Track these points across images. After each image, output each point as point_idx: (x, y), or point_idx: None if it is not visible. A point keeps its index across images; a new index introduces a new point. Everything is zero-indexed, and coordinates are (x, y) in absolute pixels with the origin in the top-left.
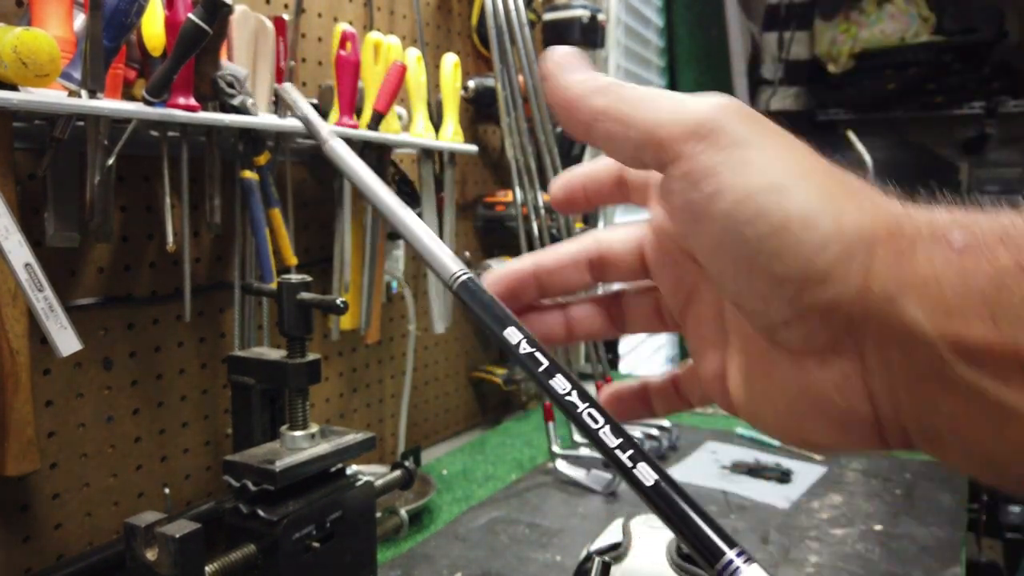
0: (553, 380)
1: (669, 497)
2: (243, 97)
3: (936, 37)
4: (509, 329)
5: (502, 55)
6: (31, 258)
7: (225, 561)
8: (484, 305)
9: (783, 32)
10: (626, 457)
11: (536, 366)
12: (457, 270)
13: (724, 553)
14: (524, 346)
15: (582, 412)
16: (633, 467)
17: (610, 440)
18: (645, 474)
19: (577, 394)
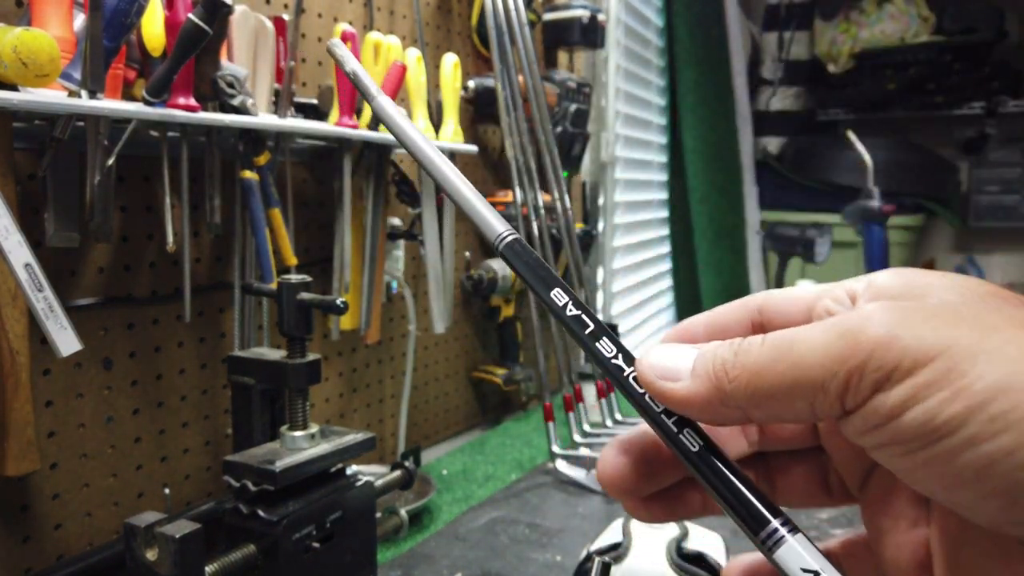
0: (599, 343)
1: (713, 464)
2: (243, 97)
3: (936, 37)
4: (555, 291)
5: (502, 55)
6: (31, 258)
7: (225, 561)
8: (529, 266)
9: (783, 32)
10: (671, 422)
11: (582, 328)
12: (504, 230)
13: (769, 521)
14: (571, 308)
15: (628, 375)
16: (679, 432)
17: (655, 405)
18: (690, 440)
19: (623, 358)
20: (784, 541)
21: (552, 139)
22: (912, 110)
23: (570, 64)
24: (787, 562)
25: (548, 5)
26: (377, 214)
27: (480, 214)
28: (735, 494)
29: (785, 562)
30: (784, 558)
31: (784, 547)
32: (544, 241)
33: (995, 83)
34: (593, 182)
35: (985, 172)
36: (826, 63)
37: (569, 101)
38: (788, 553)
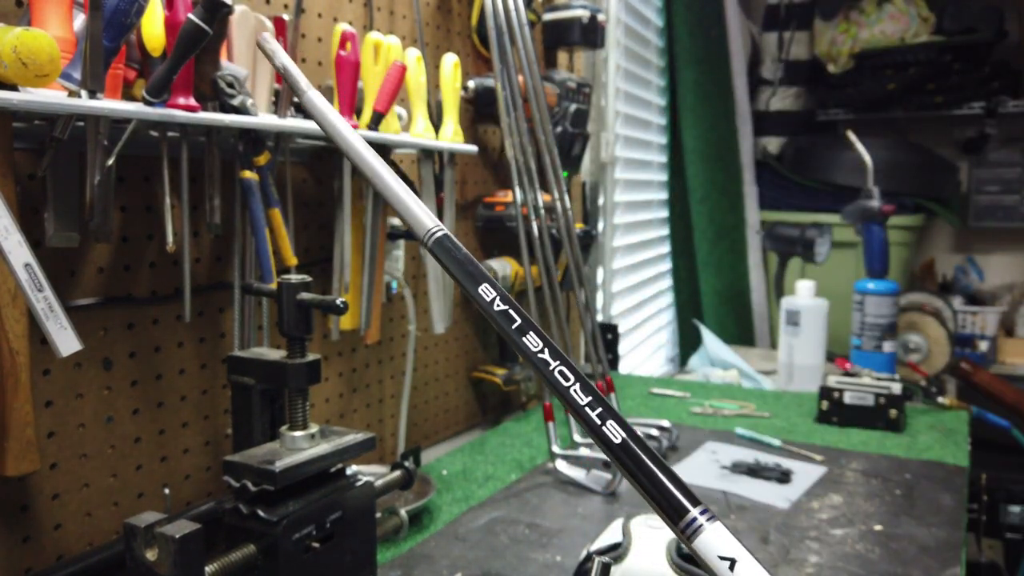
0: (526, 338)
1: (636, 455)
2: (243, 97)
3: (936, 37)
4: (483, 286)
5: (502, 55)
6: (31, 258)
7: (225, 561)
8: (458, 262)
9: (783, 32)
10: (595, 415)
11: (509, 323)
12: (432, 226)
13: (688, 511)
14: (498, 303)
15: (553, 370)
16: (602, 424)
17: (580, 398)
18: (613, 432)
19: (549, 352)
20: (702, 530)
21: (552, 139)
22: (912, 110)
23: (570, 64)
24: (705, 549)
25: (548, 5)
26: (377, 214)
27: (409, 209)
28: (656, 485)
29: (703, 549)
30: (702, 546)
31: (702, 535)
32: (544, 241)
33: (995, 83)
34: (593, 182)
35: (985, 172)
36: (826, 63)
37: (569, 101)
38: (706, 540)
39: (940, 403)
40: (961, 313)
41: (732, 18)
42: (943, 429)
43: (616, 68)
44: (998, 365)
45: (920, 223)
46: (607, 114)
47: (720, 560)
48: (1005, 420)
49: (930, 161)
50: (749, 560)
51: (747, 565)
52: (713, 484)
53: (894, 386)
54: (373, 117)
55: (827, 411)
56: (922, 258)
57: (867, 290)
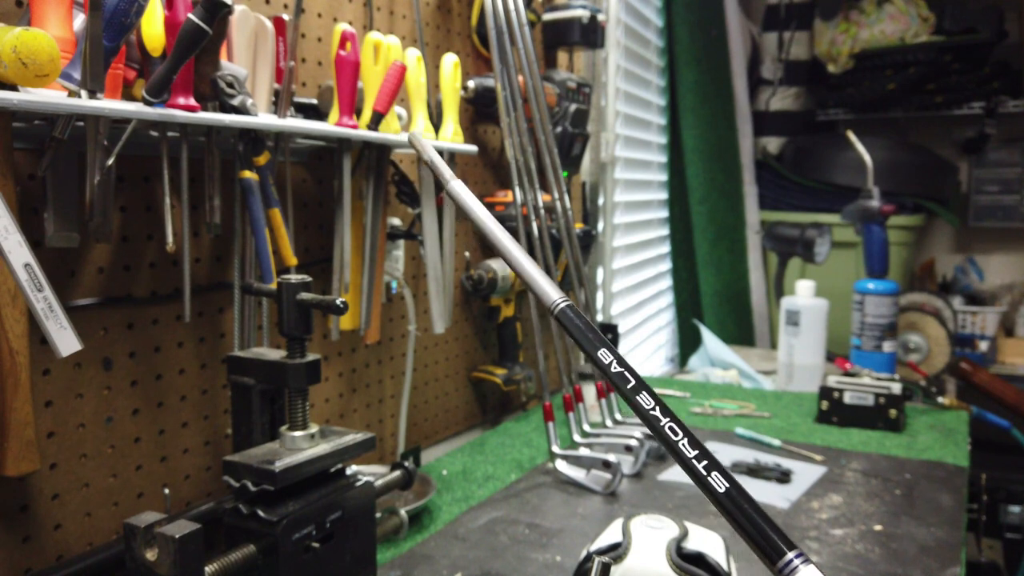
0: (639, 396)
1: (739, 503)
2: (243, 97)
3: (936, 37)
4: (602, 351)
5: (502, 55)
6: (31, 258)
7: (225, 561)
8: (580, 329)
9: (783, 32)
10: (702, 467)
11: (625, 383)
12: (558, 298)
13: (785, 553)
14: (615, 366)
15: (664, 426)
16: (707, 476)
17: (688, 451)
18: (718, 482)
19: (660, 409)
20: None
21: (552, 139)
22: (912, 110)
23: (570, 64)
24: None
25: (548, 5)
26: (377, 214)
27: (537, 283)
28: (757, 529)
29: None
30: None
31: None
32: (544, 241)
33: (995, 83)
34: (593, 182)
35: (985, 172)
36: (826, 63)
37: (569, 101)
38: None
39: (940, 403)
40: (961, 313)
41: (732, 18)
42: (943, 429)
43: (616, 68)
44: (998, 365)
45: (920, 223)
46: (607, 114)
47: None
48: (1005, 420)
49: (930, 161)
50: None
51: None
52: None
53: (894, 386)
54: (373, 117)
55: (827, 411)
56: (922, 258)
57: (867, 290)
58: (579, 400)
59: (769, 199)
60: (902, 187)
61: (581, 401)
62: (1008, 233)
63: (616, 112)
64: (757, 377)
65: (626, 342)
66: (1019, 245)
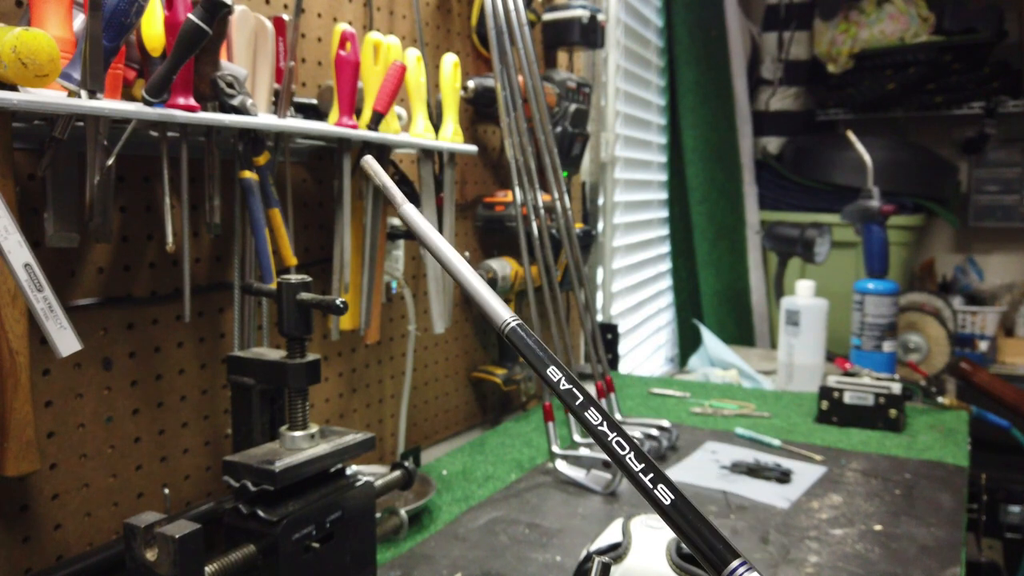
0: (588, 412)
1: (685, 514)
2: (242, 97)
3: (936, 37)
4: (551, 368)
5: (502, 55)
6: (31, 258)
7: (225, 561)
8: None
9: (783, 32)
10: (648, 480)
11: (573, 400)
12: (508, 317)
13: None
14: (563, 383)
15: (611, 440)
16: (654, 488)
17: (634, 464)
18: (663, 494)
19: (607, 424)
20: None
21: (552, 139)
22: (912, 110)
23: (570, 64)
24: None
25: (548, 5)
26: (377, 214)
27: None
28: (702, 538)
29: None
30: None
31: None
32: (544, 241)
33: (995, 83)
34: (593, 182)
35: (984, 172)
36: (826, 63)
37: (569, 101)
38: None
39: (940, 403)
40: (961, 313)
41: (732, 18)
42: (943, 429)
43: (616, 68)
44: (998, 365)
45: (920, 223)
46: (607, 114)
47: None
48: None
49: (930, 161)
50: None
51: None
52: (713, 484)
53: (894, 386)
54: (373, 117)
55: (827, 411)
56: (922, 258)
57: (867, 290)
58: None
59: (769, 199)
60: (902, 187)
61: None
62: (1008, 233)
63: (616, 112)
64: (757, 377)
65: (626, 342)
66: (1019, 245)
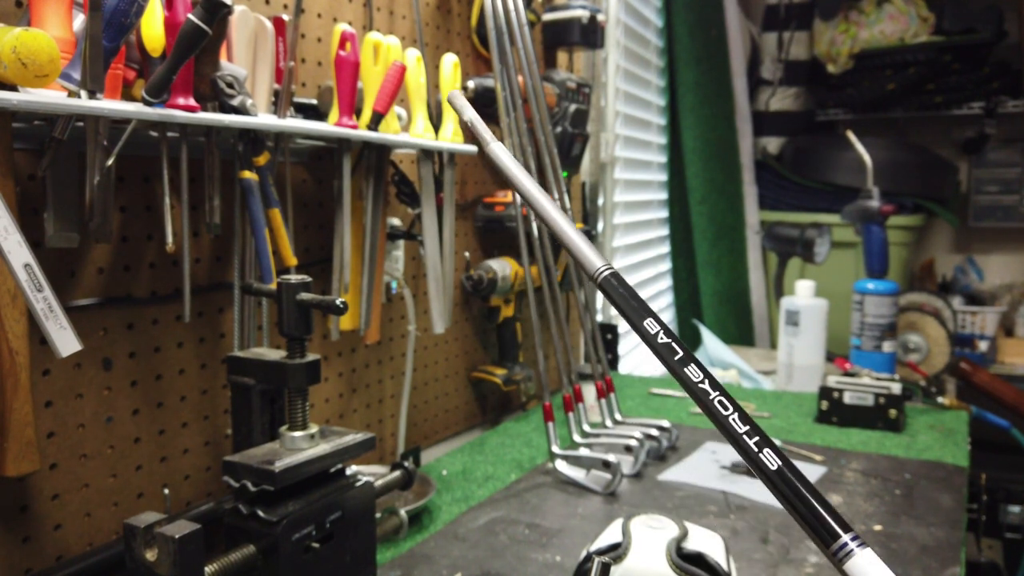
0: (687, 368)
1: (791, 482)
2: (242, 97)
3: (935, 37)
4: (648, 320)
5: (502, 55)
6: (31, 258)
7: (225, 561)
8: (624, 297)
9: (783, 32)
10: (752, 443)
11: (672, 355)
12: (601, 265)
13: (840, 535)
14: (662, 336)
15: (713, 399)
16: (759, 452)
17: (739, 427)
18: (769, 459)
19: (709, 383)
20: (853, 554)
21: (552, 139)
22: (911, 110)
23: (570, 64)
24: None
25: (548, 5)
26: (377, 214)
27: (580, 250)
28: (810, 509)
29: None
30: (853, 569)
31: (853, 559)
32: (544, 241)
33: (994, 83)
34: (593, 182)
35: (984, 172)
36: (825, 63)
37: (569, 101)
38: (856, 564)
39: (940, 403)
40: (961, 313)
41: (732, 18)
42: (943, 429)
43: (616, 68)
44: (998, 365)
45: (920, 223)
46: (607, 114)
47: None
48: (1005, 420)
49: (930, 161)
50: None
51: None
52: (713, 484)
53: (894, 386)
54: (373, 117)
55: (827, 411)
56: (922, 258)
57: (867, 290)
58: (579, 400)
59: (769, 199)
60: (902, 187)
61: (581, 401)
62: (1008, 233)
63: (616, 112)
64: (757, 377)
65: (626, 342)
66: (1019, 245)
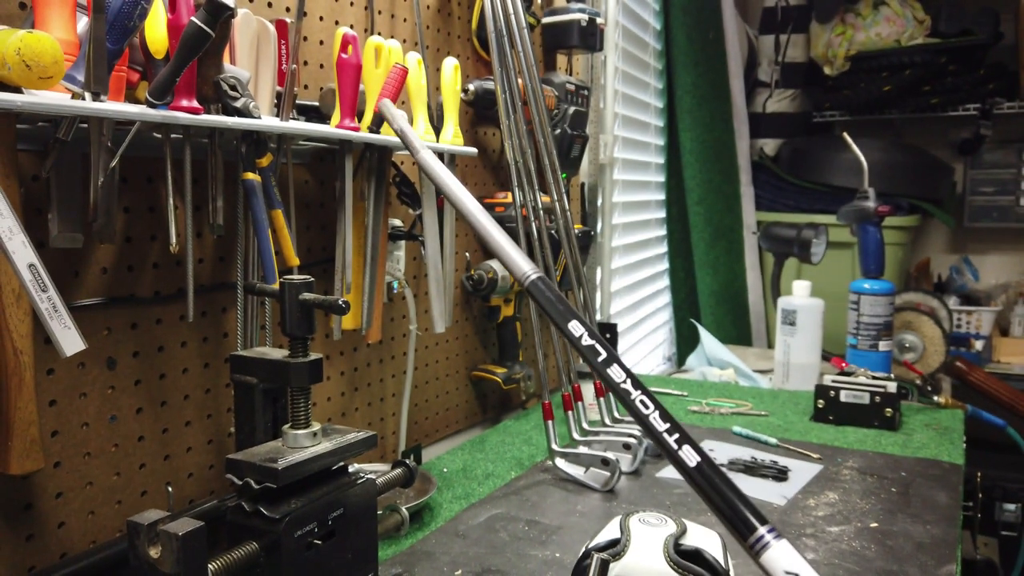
0: (611, 369)
1: (710, 477)
2: (245, 100)
3: (932, 39)
4: (572, 323)
5: (502, 58)
6: (35, 259)
7: (228, 559)
8: (550, 301)
9: (780, 35)
10: (672, 440)
11: (595, 356)
12: (529, 270)
13: (756, 528)
14: (586, 338)
15: (635, 399)
16: (678, 449)
17: (659, 424)
18: (688, 456)
19: (631, 382)
20: (769, 546)
21: (551, 141)
22: (908, 112)
23: (569, 67)
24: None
25: (547, 8)
26: (378, 215)
27: (508, 255)
28: (728, 503)
29: (770, 564)
30: (769, 561)
31: (769, 551)
32: (543, 242)
33: (990, 85)
34: (592, 183)
35: (980, 173)
36: (822, 65)
37: (568, 103)
38: (773, 556)
39: (935, 402)
40: (956, 313)
41: (729, 21)
42: (938, 427)
43: (614, 71)
44: (993, 364)
45: (915, 223)
46: (605, 116)
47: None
48: (1000, 419)
49: (925, 162)
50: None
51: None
52: None
53: (890, 385)
54: (374, 119)
55: (823, 409)
56: (918, 258)
57: (863, 290)
58: (578, 399)
59: (766, 200)
60: (898, 188)
61: (580, 400)
62: (1003, 233)
63: (614, 114)
64: (754, 376)
65: (624, 341)
66: (1014, 245)
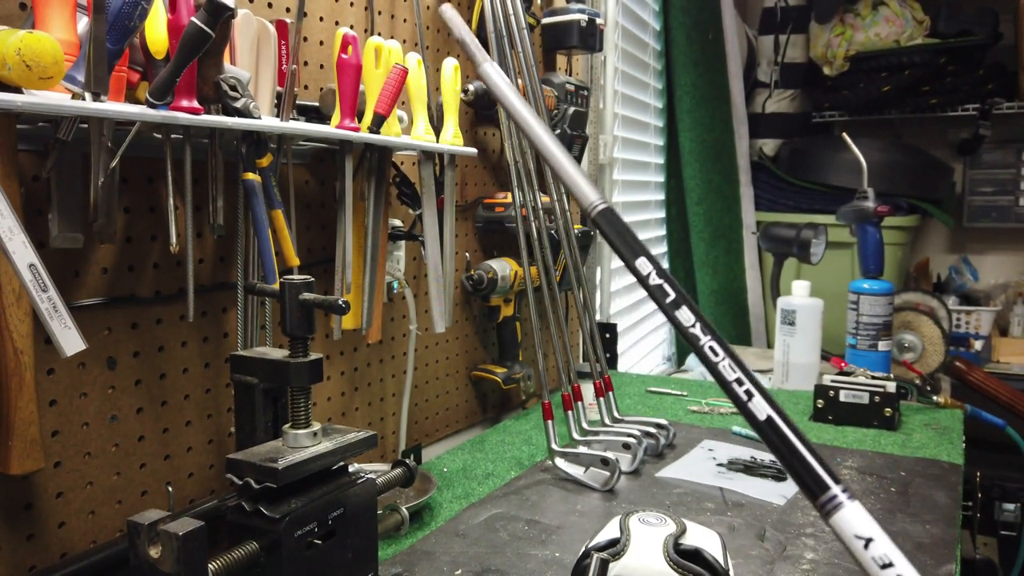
0: (679, 311)
1: (780, 431)
2: (245, 100)
3: (931, 40)
4: (640, 259)
5: (501, 58)
6: (35, 259)
7: (228, 558)
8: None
9: (779, 35)
10: (742, 391)
11: (664, 297)
12: (596, 199)
13: (829, 487)
14: (654, 277)
15: (704, 345)
16: (748, 401)
17: (728, 373)
18: (759, 408)
19: (700, 326)
20: (841, 507)
21: None
22: (907, 112)
23: (568, 67)
24: (842, 527)
25: (547, 9)
26: (378, 215)
27: (575, 182)
28: (799, 459)
29: (840, 527)
30: (839, 522)
31: (840, 512)
32: (543, 242)
33: (989, 85)
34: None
35: (979, 173)
36: (821, 66)
37: (568, 104)
38: (844, 517)
39: (935, 401)
40: (955, 312)
41: (729, 22)
42: (938, 427)
43: (614, 71)
44: (992, 364)
45: (915, 223)
46: (605, 116)
47: (856, 539)
48: (999, 418)
49: (925, 162)
50: (885, 540)
51: (882, 545)
52: (710, 481)
53: (889, 385)
54: (374, 119)
55: (823, 409)
56: (917, 258)
57: (862, 290)
58: (578, 399)
59: (765, 200)
60: (897, 188)
61: (580, 399)
62: (1002, 233)
63: (614, 114)
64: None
65: (624, 340)
66: (1013, 245)
